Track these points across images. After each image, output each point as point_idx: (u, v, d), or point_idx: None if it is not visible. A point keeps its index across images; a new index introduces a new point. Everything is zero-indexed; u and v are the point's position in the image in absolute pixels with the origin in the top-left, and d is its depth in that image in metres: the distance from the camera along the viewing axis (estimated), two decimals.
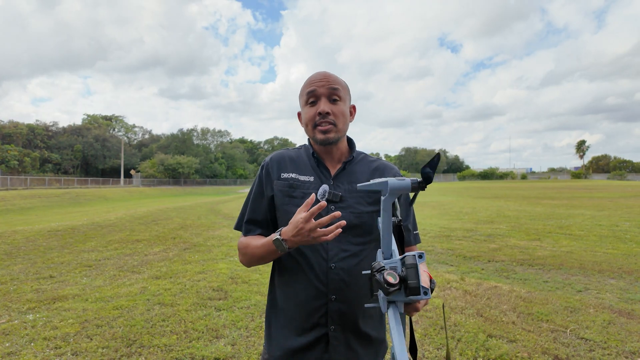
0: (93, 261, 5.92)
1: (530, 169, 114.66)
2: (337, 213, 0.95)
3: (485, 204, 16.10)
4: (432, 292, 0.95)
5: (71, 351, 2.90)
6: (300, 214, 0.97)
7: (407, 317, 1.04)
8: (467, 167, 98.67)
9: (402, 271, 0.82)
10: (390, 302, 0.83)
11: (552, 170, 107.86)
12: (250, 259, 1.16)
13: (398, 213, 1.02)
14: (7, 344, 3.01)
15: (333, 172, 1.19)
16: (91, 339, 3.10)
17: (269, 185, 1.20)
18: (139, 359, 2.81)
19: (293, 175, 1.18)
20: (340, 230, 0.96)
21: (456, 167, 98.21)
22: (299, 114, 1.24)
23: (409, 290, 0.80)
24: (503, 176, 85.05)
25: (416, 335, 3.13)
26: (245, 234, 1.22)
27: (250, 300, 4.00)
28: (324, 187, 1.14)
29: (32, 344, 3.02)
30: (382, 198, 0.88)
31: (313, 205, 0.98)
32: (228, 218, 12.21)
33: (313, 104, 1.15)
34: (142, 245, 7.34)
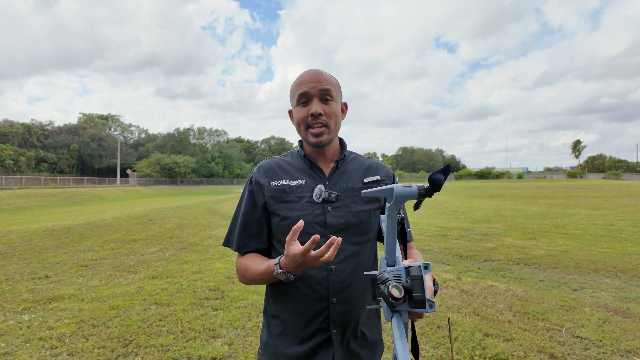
0: (89, 261, 5.90)
1: (527, 168, 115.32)
2: (338, 241, 0.89)
3: (481, 204, 16.15)
4: (435, 294, 0.93)
5: (67, 351, 2.89)
6: (294, 248, 0.92)
7: (409, 321, 1.04)
8: (464, 167, 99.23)
9: (406, 281, 0.80)
10: (394, 311, 0.81)
11: (548, 169, 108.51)
12: (251, 282, 1.14)
13: (402, 211, 1.03)
14: (2, 345, 2.99)
15: (327, 172, 1.17)
16: (87, 339, 3.09)
17: (260, 193, 1.16)
18: (136, 359, 2.80)
19: (283, 182, 1.15)
20: (336, 248, 0.90)
21: (453, 167, 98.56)
22: (290, 112, 1.22)
23: (413, 302, 0.79)
24: (499, 176, 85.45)
25: None
26: (239, 249, 1.18)
27: (247, 300, 4.00)
28: (320, 187, 1.12)
29: (27, 344, 3.01)
30: (387, 205, 0.85)
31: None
32: (225, 218, 12.19)
33: (305, 104, 1.12)
34: (138, 245, 7.31)
